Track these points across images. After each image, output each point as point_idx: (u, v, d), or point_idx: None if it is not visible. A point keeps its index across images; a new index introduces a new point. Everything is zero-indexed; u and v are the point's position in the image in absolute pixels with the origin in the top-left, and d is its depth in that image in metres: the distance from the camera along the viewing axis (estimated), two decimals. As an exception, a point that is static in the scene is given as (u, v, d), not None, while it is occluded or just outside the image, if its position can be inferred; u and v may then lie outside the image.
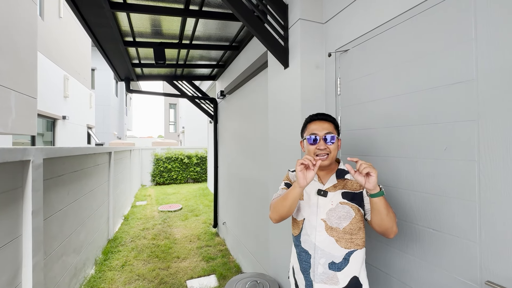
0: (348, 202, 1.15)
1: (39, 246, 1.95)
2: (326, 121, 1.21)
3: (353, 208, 1.14)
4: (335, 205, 1.16)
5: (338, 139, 1.20)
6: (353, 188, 1.17)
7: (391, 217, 1.03)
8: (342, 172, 1.22)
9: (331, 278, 1.12)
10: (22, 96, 3.67)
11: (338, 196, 1.17)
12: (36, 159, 1.92)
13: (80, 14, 2.28)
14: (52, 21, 7.09)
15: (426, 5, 1.13)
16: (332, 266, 1.12)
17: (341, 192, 1.17)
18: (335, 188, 1.18)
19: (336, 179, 1.21)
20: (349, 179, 1.20)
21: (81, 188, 3.14)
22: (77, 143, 8.87)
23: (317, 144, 1.17)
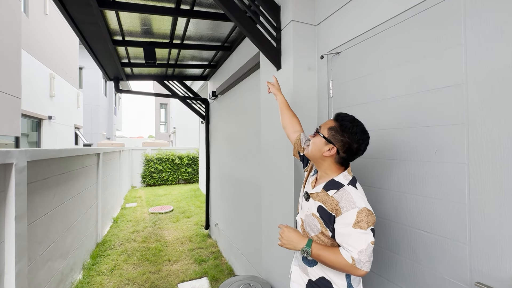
0: (318, 217, 1.09)
1: (23, 252, 1.88)
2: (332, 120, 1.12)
3: (321, 224, 1.08)
4: (308, 213, 1.15)
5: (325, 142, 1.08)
6: (330, 208, 1.06)
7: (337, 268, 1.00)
8: (333, 185, 1.09)
9: (303, 268, 1.19)
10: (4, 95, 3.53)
11: (314, 206, 1.13)
12: (19, 162, 1.84)
13: (67, 12, 2.20)
14: (37, 18, 6.87)
15: (417, 9, 1.14)
16: (304, 260, 1.19)
17: (318, 205, 1.11)
18: (316, 197, 1.13)
19: (322, 188, 1.12)
20: (330, 196, 1.07)
21: (68, 191, 3.05)
22: (64, 144, 8.63)
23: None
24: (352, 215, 0.98)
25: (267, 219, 2.11)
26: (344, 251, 0.99)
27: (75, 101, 9.86)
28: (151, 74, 4.53)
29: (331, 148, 1.07)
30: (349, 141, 1.04)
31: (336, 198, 1.05)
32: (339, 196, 1.04)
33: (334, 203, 1.05)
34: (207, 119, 5.02)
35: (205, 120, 5.07)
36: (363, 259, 0.95)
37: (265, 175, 2.11)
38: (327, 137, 1.08)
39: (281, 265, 1.86)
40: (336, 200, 1.04)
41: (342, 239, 1.01)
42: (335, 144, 1.06)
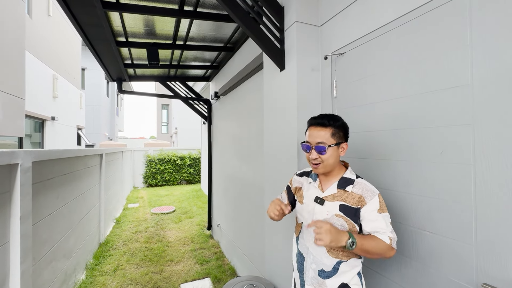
0: (343, 216, 1.11)
1: (28, 252, 1.89)
2: (323, 128, 1.13)
3: (348, 222, 1.11)
4: (330, 216, 1.14)
5: (337, 146, 1.13)
6: (353, 203, 1.11)
7: (377, 254, 1.04)
8: (346, 182, 1.15)
9: (320, 284, 1.15)
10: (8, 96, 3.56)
11: (335, 207, 1.13)
12: (24, 162, 1.85)
13: (71, 13, 2.22)
14: (40, 19, 6.91)
15: (421, 10, 1.14)
16: (321, 274, 1.15)
17: (339, 204, 1.13)
18: (333, 198, 1.15)
19: (337, 188, 1.16)
20: (350, 192, 1.13)
21: (71, 191, 3.06)
22: (66, 145, 8.67)
23: (310, 152, 1.16)
24: (376, 201, 1.08)
25: (270, 221, 2.11)
26: (380, 235, 1.05)
27: (77, 102, 9.91)
28: (154, 75, 4.55)
29: (344, 146, 1.16)
30: (346, 130, 1.18)
31: (356, 192, 1.12)
32: (359, 189, 1.12)
33: (356, 197, 1.11)
34: (209, 120, 5.03)
35: (207, 121, 5.07)
36: (395, 237, 1.06)
37: (268, 176, 2.12)
38: (336, 142, 1.13)
39: (284, 266, 1.86)
40: (358, 193, 1.11)
41: (372, 226, 1.07)
42: (343, 140, 1.16)
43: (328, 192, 1.17)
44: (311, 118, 1.20)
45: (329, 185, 1.19)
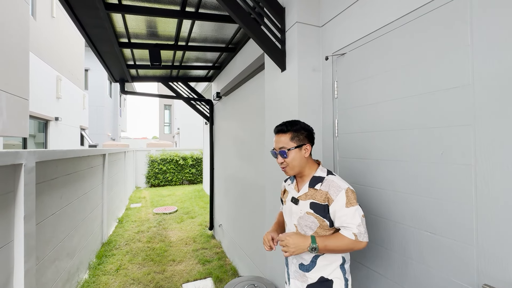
0: (313, 213, 1.21)
1: (31, 251, 1.91)
2: (282, 134, 1.25)
3: (318, 219, 1.20)
4: (303, 214, 1.24)
5: (299, 149, 1.22)
6: (321, 200, 1.20)
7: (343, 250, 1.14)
8: (316, 180, 1.25)
9: (301, 276, 1.26)
10: (13, 97, 3.60)
11: (306, 205, 1.24)
12: (28, 162, 1.87)
13: (74, 15, 2.24)
14: (44, 20, 6.98)
15: (422, 10, 1.14)
16: (301, 267, 1.26)
17: (309, 202, 1.23)
18: (306, 197, 1.25)
19: (308, 187, 1.25)
20: (318, 189, 1.22)
21: (75, 191, 3.09)
22: (70, 145, 8.73)
23: (277, 158, 1.27)
24: (342, 196, 1.15)
25: (271, 219, 2.12)
26: (345, 230, 1.13)
27: (81, 102, 9.98)
28: (156, 75, 4.57)
29: (306, 147, 1.25)
30: (308, 131, 1.26)
31: (323, 189, 1.20)
32: (326, 187, 1.20)
33: (323, 194, 1.20)
34: (211, 120, 5.05)
35: (209, 121, 5.09)
36: (362, 231, 1.11)
37: (269, 176, 2.12)
38: (297, 144, 1.23)
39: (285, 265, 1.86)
40: (325, 190, 1.20)
41: (340, 221, 1.15)
42: (304, 142, 1.24)
43: (301, 192, 1.28)
44: (275, 127, 1.30)
45: (303, 185, 1.29)
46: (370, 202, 1.41)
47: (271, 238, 1.31)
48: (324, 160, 1.76)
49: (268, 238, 1.31)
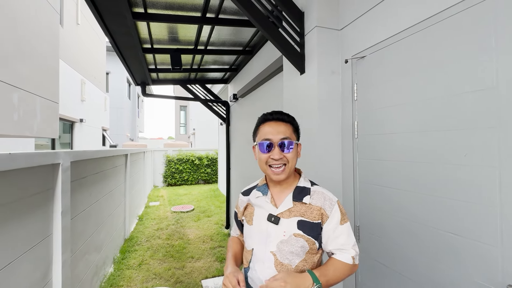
0: (303, 235, 0.93)
1: (67, 244, 2.06)
2: (283, 122, 1.00)
3: (309, 242, 0.94)
4: (287, 237, 0.94)
5: (297, 145, 1.01)
6: (312, 217, 0.95)
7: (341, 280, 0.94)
8: (302, 192, 0.99)
9: None
10: (45, 101, 3.86)
11: (292, 225, 0.95)
12: (64, 162, 2.03)
13: (104, 24, 2.39)
14: (70, 27, 7.38)
15: (444, 14, 1.15)
16: None
17: (297, 220, 0.95)
18: (290, 214, 0.96)
19: (293, 201, 0.97)
20: (308, 204, 0.96)
21: (101, 189, 3.27)
22: (92, 145, 9.16)
23: (271, 152, 0.97)
24: (337, 211, 0.95)
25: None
26: (341, 254, 0.94)
27: (102, 104, 10.44)
28: (175, 78, 4.73)
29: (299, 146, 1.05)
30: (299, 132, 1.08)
31: (315, 203, 0.96)
32: (319, 200, 0.97)
33: (315, 209, 0.96)
34: (228, 121, 5.15)
35: (226, 122, 5.20)
36: (357, 252, 0.95)
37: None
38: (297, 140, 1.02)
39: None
40: (317, 205, 0.96)
41: (335, 243, 0.94)
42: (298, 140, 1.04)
43: (283, 207, 0.97)
44: (264, 114, 1.05)
45: (283, 198, 1.00)
46: (390, 203, 1.43)
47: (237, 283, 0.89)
48: (343, 161, 1.79)
49: (233, 284, 0.89)
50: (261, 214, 1.01)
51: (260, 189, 1.07)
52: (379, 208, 1.51)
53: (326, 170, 1.77)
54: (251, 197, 1.08)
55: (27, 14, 3.54)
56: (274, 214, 0.97)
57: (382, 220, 1.49)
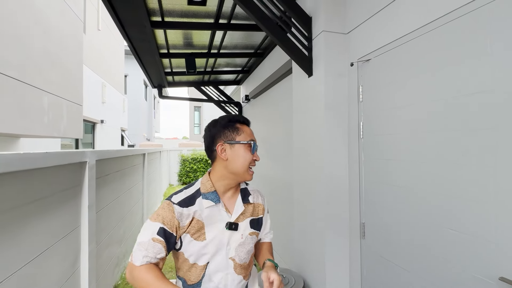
0: (255, 231, 1.03)
1: (93, 236, 2.25)
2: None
3: (257, 235, 1.05)
4: (244, 238, 0.98)
5: None
6: (258, 214, 1.06)
7: None
8: (245, 193, 1.05)
9: None
10: (71, 104, 4.14)
11: (246, 226, 1.00)
12: (90, 160, 2.22)
13: (125, 32, 2.57)
14: (92, 33, 7.78)
15: (445, 19, 1.20)
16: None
17: (249, 220, 1.01)
18: (243, 217, 1.00)
19: (243, 204, 1.01)
20: (252, 203, 1.05)
21: (122, 187, 3.49)
22: (112, 145, 9.60)
23: (255, 153, 1.01)
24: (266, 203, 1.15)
25: (299, 216, 2.25)
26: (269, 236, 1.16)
27: (121, 106, 10.90)
28: (190, 81, 4.91)
29: None
30: None
31: (257, 201, 1.08)
32: (257, 197, 1.10)
33: (258, 206, 1.08)
34: (240, 121, 5.27)
35: (238, 122, 5.32)
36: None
37: (297, 176, 2.25)
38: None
39: (313, 261, 1.98)
40: (259, 202, 1.09)
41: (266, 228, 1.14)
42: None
43: (236, 213, 0.99)
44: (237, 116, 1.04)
45: (233, 203, 1.01)
46: (394, 201, 1.49)
47: None
48: (349, 161, 1.85)
49: None
50: (216, 226, 0.95)
51: (209, 197, 0.96)
52: (383, 206, 1.57)
53: (334, 169, 1.84)
54: (198, 208, 0.94)
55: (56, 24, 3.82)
56: (231, 221, 0.97)
57: (386, 217, 1.55)
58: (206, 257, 0.94)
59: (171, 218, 0.90)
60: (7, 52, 3.00)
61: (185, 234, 0.92)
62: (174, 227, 0.90)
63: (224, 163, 0.97)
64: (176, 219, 0.90)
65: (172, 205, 0.91)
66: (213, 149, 0.99)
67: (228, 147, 0.97)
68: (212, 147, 0.99)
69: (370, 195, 1.69)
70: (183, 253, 0.94)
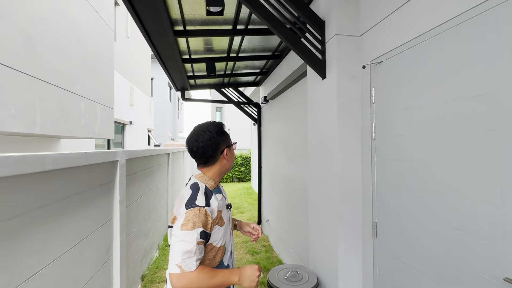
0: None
1: (123, 228, 2.49)
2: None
3: None
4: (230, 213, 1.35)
5: None
6: None
7: None
8: None
9: None
10: (104, 107, 4.52)
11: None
12: (121, 159, 2.45)
13: (151, 41, 2.79)
14: (121, 41, 8.33)
15: (456, 21, 1.21)
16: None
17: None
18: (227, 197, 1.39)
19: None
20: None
21: (148, 184, 3.76)
22: (140, 145, 10.18)
23: None
24: None
25: (313, 214, 2.31)
26: None
27: (148, 107, 11.51)
28: (210, 83, 5.11)
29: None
30: None
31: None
32: None
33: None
34: (259, 122, 5.39)
35: (257, 123, 5.44)
36: None
37: (312, 175, 2.31)
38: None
39: (327, 259, 2.04)
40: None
41: None
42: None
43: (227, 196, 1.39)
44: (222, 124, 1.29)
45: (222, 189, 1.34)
46: (406, 201, 1.51)
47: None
48: (362, 161, 1.89)
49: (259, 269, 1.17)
50: (224, 210, 1.22)
51: (217, 191, 1.22)
52: (395, 206, 1.59)
53: (347, 169, 1.88)
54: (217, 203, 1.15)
55: (90, 33, 4.20)
56: (227, 203, 1.31)
57: (398, 217, 1.57)
58: (224, 238, 1.18)
59: (206, 221, 1.06)
60: (50, 62, 3.38)
61: (215, 226, 1.12)
62: (209, 226, 1.07)
63: (224, 162, 1.23)
64: (210, 219, 1.07)
65: (203, 209, 1.06)
66: (219, 154, 1.20)
67: (228, 150, 1.24)
68: (217, 153, 1.20)
69: (382, 195, 1.71)
70: (211, 243, 1.12)
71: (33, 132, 3.01)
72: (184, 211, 1.05)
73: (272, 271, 2.21)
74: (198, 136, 1.18)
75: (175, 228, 1.05)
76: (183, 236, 1.00)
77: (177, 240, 1.00)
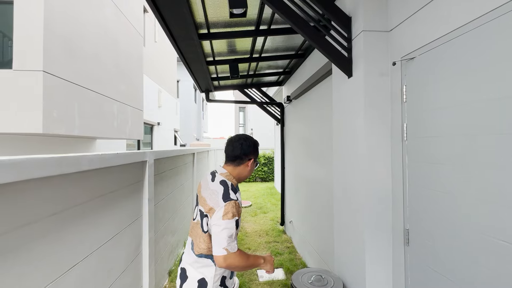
0: None
1: (152, 225, 2.60)
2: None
3: None
4: None
5: None
6: None
7: None
8: None
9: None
10: (134, 109, 4.77)
11: None
12: (150, 159, 2.56)
13: (176, 45, 2.88)
14: (150, 45, 8.74)
15: (495, 13, 1.10)
16: None
17: None
18: None
19: None
20: None
21: (174, 183, 3.89)
22: (167, 144, 10.61)
23: None
24: None
25: (338, 218, 2.23)
26: None
27: (174, 108, 11.95)
28: (234, 84, 5.18)
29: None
30: None
31: None
32: None
33: None
34: (282, 122, 5.34)
35: (280, 123, 5.40)
36: None
37: (337, 177, 2.24)
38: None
39: (353, 264, 1.96)
40: None
41: None
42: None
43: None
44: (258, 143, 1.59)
45: None
46: (441, 208, 1.40)
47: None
48: (392, 164, 1.78)
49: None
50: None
51: (237, 189, 1.48)
52: (429, 212, 1.49)
53: (375, 172, 1.79)
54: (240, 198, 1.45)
55: (122, 41, 4.45)
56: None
57: (432, 224, 1.46)
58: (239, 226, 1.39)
59: (239, 211, 1.34)
60: (87, 68, 3.64)
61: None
62: (240, 216, 1.34)
63: (245, 168, 1.51)
64: (241, 210, 1.36)
65: (237, 202, 1.34)
66: (245, 160, 1.50)
67: (252, 162, 1.53)
68: (244, 159, 1.50)
69: (414, 200, 1.61)
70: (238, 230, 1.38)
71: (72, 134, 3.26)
72: (222, 204, 1.28)
73: (296, 274, 2.17)
74: (244, 140, 1.51)
75: (216, 218, 1.27)
76: (225, 224, 1.24)
77: (221, 228, 1.24)
